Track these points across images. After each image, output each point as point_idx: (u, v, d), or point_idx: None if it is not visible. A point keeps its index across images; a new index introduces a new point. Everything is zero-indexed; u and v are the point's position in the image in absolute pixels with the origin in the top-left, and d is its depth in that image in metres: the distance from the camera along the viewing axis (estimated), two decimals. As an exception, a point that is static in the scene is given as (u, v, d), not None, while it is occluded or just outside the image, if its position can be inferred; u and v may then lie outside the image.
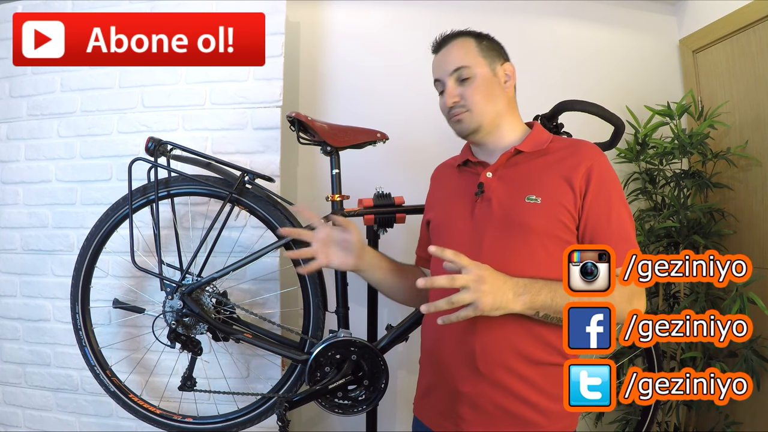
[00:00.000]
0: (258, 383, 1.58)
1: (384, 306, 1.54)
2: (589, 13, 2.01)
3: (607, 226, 0.93)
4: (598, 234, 0.93)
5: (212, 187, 1.37)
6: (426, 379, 1.06)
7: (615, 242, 0.90)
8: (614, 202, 0.95)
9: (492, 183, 1.00)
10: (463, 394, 0.94)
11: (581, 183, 0.94)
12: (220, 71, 1.64)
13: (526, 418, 0.92)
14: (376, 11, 1.93)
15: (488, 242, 0.96)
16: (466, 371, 0.94)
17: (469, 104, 1.01)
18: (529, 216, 0.94)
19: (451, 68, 1.02)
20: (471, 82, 1.01)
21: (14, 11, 1.71)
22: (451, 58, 1.03)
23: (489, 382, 0.92)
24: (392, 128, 1.46)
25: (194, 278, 1.33)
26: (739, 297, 1.51)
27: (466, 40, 1.05)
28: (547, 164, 0.99)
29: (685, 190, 1.80)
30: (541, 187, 0.95)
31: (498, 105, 1.03)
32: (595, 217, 0.93)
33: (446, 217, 1.07)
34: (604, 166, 0.97)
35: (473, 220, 1.00)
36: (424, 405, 1.06)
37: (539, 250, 0.93)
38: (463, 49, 1.03)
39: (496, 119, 1.03)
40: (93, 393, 1.57)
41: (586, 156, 0.97)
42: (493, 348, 0.92)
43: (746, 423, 1.69)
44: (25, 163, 1.67)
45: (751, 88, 1.73)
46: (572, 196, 0.93)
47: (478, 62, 1.02)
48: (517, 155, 1.01)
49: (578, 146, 1.01)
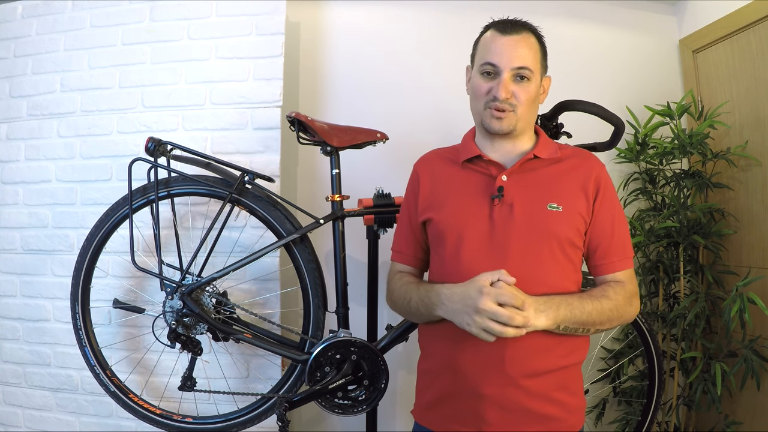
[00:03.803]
0: (258, 383, 1.58)
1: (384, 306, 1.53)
2: (590, 13, 2.01)
3: (611, 234, 1.01)
4: (604, 242, 1.01)
5: (212, 187, 1.37)
6: (438, 388, 1.02)
7: (616, 248, 1.01)
8: (616, 211, 1.03)
9: (511, 187, 1.00)
10: (487, 397, 0.94)
11: (592, 191, 1.00)
12: (220, 71, 1.64)
13: (550, 415, 0.95)
14: (376, 11, 1.93)
15: (514, 249, 0.96)
16: (492, 375, 0.94)
17: (517, 106, 0.99)
18: (553, 224, 0.97)
19: (517, 64, 0.98)
20: (526, 85, 1.00)
21: (14, 11, 1.71)
22: (520, 53, 0.99)
23: (516, 385, 0.94)
24: (392, 128, 1.46)
25: (194, 278, 1.33)
26: (739, 297, 1.51)
27: (534, 41, 1.02)
28: (561, 172, 1.03)
29: (685, 190, 1.80)
30: (561, 195, 0.99)
31: (534, 113, 1.06)
32: (601, 225, 1.01)
33: (459, 219, 1.01)
34: (607, 176, 1.04)
35: (492, 225, 0.98)
36: (434, 413, 1.03)
37: (560, 256, 0.97)
38: (532, 50, 1.00)
39: (527, 126, 1.05)
40: (93, 393, 1.57)
41: (595, 165, 1.04)
42: (521, 357, 0.94)
43: (746, 423, 1.69)
44: (25, 163, 1.67)
45: (751, 88, 1.73)
46: (586, 205, 1.00)
47: (537, 69, 1.01)
48: (533, 161, 1.03)
49: (585, 155, 1.06)
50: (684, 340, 1.77)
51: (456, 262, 0.99)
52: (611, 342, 1.92)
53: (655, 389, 1.47)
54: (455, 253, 0.99)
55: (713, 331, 1.81)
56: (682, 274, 1.77)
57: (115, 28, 1.67)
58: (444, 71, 1.87)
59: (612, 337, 1.92)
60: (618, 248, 1.01)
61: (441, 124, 1.86)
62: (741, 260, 1.76)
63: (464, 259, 0.98)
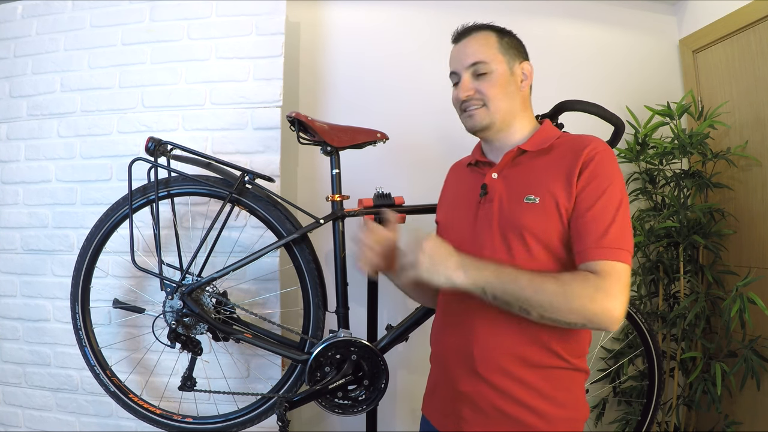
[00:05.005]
0: (258, 383, 1.58)
1: (384, 306, 1.54)
2: (589, 13, 2.01)
3: (587, 216, 0.88)
4: (578, 225, 0.89)
5: (212, 187, 1.37)
6: (432, 377, 1.08)
7: (592, 234, 0.86)
8: (605, 195, 0.88)
9: (496, 184, 0.99)
10: (463, 394, 0.95)
11: (576, 172, 0.91)
12: (220, 71, 1.64)
13: (524, 421, 0.90)
14: (376, 11, 1.93)
15: (488, 244, 0.95)
16: (466, 372, 0.94)
17: (485, 99, 0.99)
18: (526, 216, 0.92)
19: (469, 62, 1.00)
20: (487, 77, 0.99)
21: (14, 11, 1.72)
22: (470, 51, 1.01)
23: (487, 385, 0.92)
24: (392, 128, 1.46)
25: (194, 278, 1.33)
26: (739, 297, 1.51)
27: (487, 35, 1.02)
28: (549, 162, 0.96)
29: (685, 190, 1.80)
30: (540, 186, 0.93)
31: (512, 103, 1.01)
32: (579, 206, 0.89)
33: (451, 218, 1.07)
34: (603, 158, 0.92)
35: (476, 222, 0.99)
36: (431, 403, 1.07)
37: (538, 249, 0.91)
38: (484, 44, 1.01)
39: (508, 118, 1.01)
40: (93, 393, 1.57)
41: (587, 146, 0.93)
42: (491, 352, 0.92)
43: (746, 423, 1.69)
44: (25, 163, 1.67)
45: (751, 88, 1.73)
46: (567, 189, 0.90)
47: (497, 58, 1.00)
48: (521, 155, 1.01)
49: (582, 139, 0.97)
50: (684, 340, 1.77)
51: None
52: (611, 342, 1.93)
53: (655, 389, 1.47)
54: None
55: (713, 331, 1.81)
56: (682, 274, 1.77)
57: (115, 28, 1.67)
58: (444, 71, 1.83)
59: (612, 338, 1.92)
60: (594, 234, 0.86)
61: (441, 124, 1.86)
62: (741, 260, 1.76)
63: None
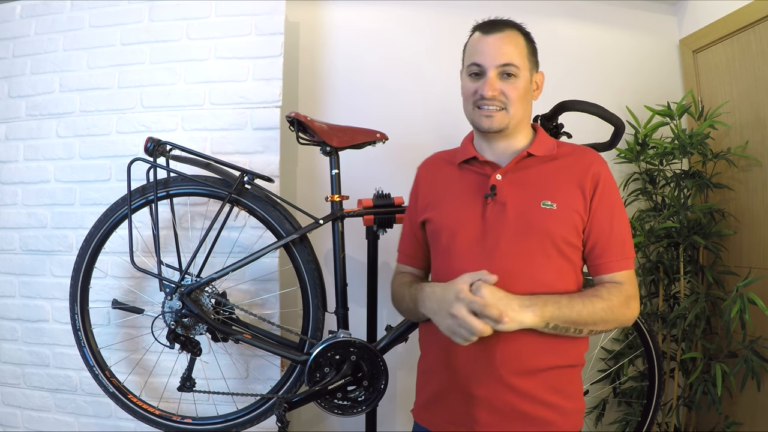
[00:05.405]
0: (257, 384, 1.58)
1: (384, 306, 1.53)
2: (590, 13, 2.01)
3: (609, 232, 0.98)
4: (602, 240, 0.98)
5: (211, 187, 1.37)
6: (433, 386, 1.04)
7: (614, 248, 0.97)
8: (616, 209, 0.99)
9: (504, 186, 0.99)
10: (478, 398, 0.94)
11: (590, 188, 0.98)
12: (219, 71, 1.64)
13: (543, 418, 0.94)
14: (376, 11, 1.93)
15: (504, 247, 0.95)
16: (485, 376, 0.94)
17: (507, 103, 0.99)
18: (546, 222, 0.95)
19: (502, 61, 0.98)
20: (514, 81, 0.99)
21: (13, 11, 1.71)
22: (504, 50, 0.99)
23: (508, 387, 0.93)
24: (392, 128, 1.46)
25: (193, 279, 1.32)
26: (739, 297, 1.51)
27: (519, 37, 1.01)
28: (557, 169, 1.01)
29: (686, 191, 1.80)
30: (555, 192, 0.97)
31: (526, 110, 1.04)
32: (599, 223, 0.98)
33: (453, 218, 1.03)
34: (608, 173, 1.01)
35: (485, 223, 0.98)
36: (430, 412, 1.04)
37: (555, 255, 0.95)
38: (517, 46, 1.00)
39: (519, 124, 1.03)
40: (92, 394, 1.57)
41: (594, 162, 1.01)
42: (513, 355, 0.93)
43: (746, 423, 1.69)
44: (23, 163, 1.67)
45: (751, 88, 1.73)
46: (583, 202, 0.97)
47: (524, 65, 1.00)
48: (527, 158, 1.02)
49: (584, 152, 1.04)
50: (684, 341, 1.77)
51: (447, 260, 1.01)
52: (611, 343, 1.92)
53: (655, 390, 1.47)
54: (447, 251, 1.01)
55: (713, 331, 1.81)
56: (682, 275, 1.76)
57: (114, 28, 1.67)
58: (444, 71, 1.86)
59: (612, 338, 1.92)
60: (616, 248, 0.97)
61: (441, 124, 1.86)
62: (741, 261, 1.76)
63: (454, 258, 0.99)
